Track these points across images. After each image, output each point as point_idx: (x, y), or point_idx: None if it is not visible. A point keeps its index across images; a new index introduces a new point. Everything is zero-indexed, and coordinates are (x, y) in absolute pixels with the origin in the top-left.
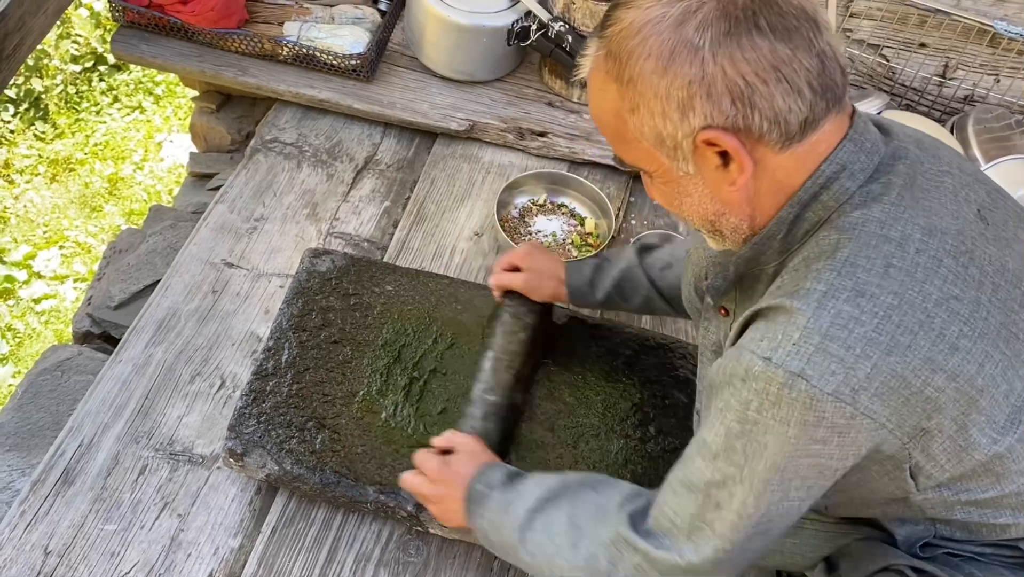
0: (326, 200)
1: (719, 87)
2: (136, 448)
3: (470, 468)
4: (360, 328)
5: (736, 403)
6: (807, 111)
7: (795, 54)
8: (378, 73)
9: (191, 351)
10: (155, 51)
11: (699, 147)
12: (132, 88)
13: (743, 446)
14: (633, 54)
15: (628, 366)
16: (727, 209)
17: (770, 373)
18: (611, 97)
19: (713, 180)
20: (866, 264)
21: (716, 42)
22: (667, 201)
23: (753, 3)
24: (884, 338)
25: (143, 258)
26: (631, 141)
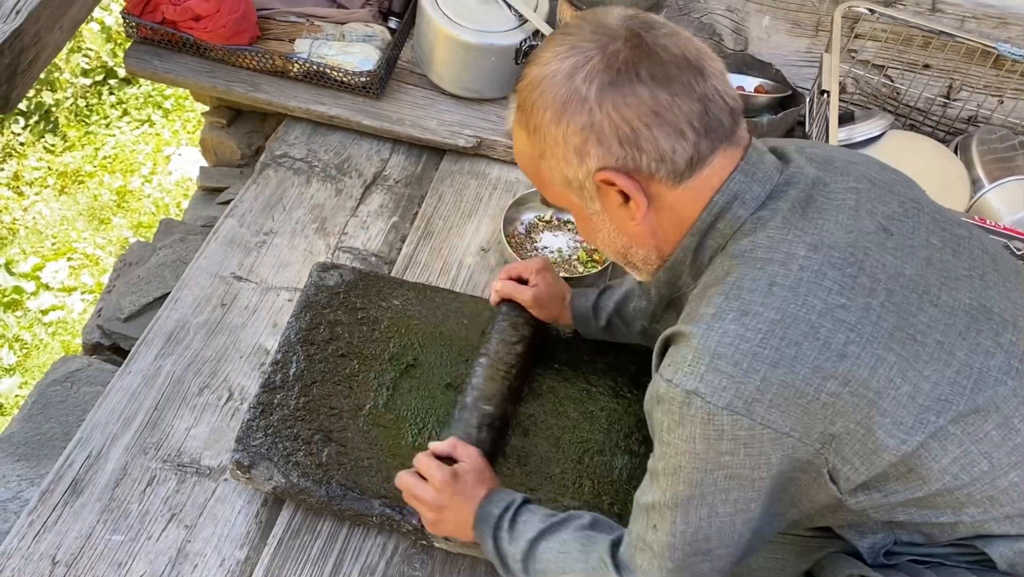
0: (335, 215)
1: (607, 132)
2: (144, 459)
3: (479, 488)
4: (367, 342)
5: (655, 426)
6: (691, 150)
7: (675, 99)
8: (387, 90)
9: (200, 363)
10: (168, 66)
11: (600, 187)
12: (141, 102)
13: (663, 467)
14: (535, 105)
15: (633, 381)
16: (634, 242)
17: (672, 393)
18: (524, 145)
19: (617, 216)
20: (751, 285)
21: (601, 92)
22: (587, 236)
23: (634, 55)
24: (768, 352)
25: (153, 271)
26: (547, 184)
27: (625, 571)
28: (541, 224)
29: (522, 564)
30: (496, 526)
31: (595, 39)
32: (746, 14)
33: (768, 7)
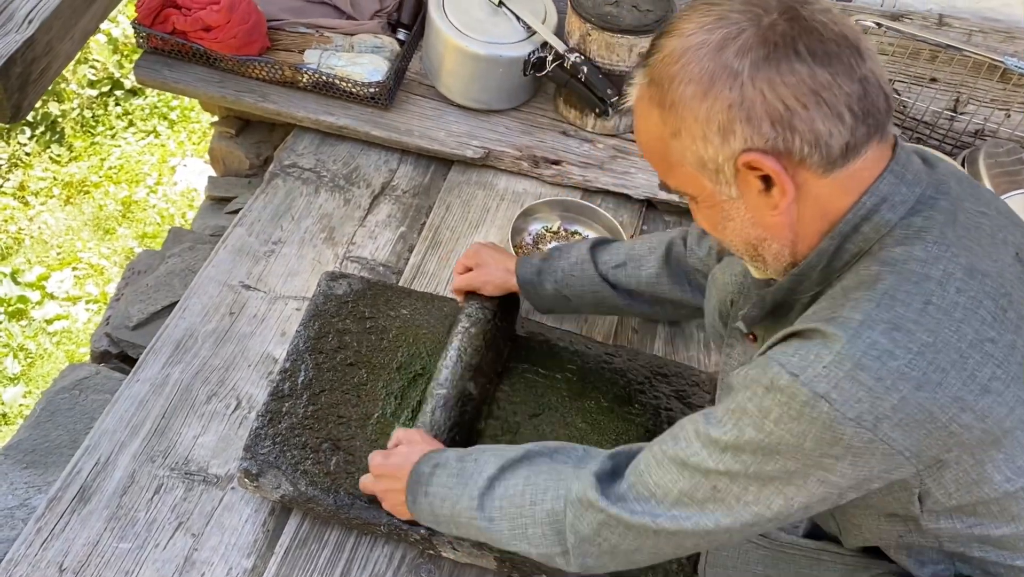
0: (343, 225)
1: (758, 111)
2: (152, 467)
3: (412, 456)
4: (375, 351)
5: (755, 409)
6: (848, 135)
7: (835, 79)
8: (396, 101)
9: (208, 372)
10: (178, 76)
11: (741, 171)
12: (147, 113)
13: (755, 449)
14: (674, 80)
15: (641, 393)
16: (769, 235)
17: (795, 389)
18: (654, 123)
19: (755, 205)
20: (905, 299)
21: (755, 67)
22: (711, 226)
23: (792, 30)
24: (916, 373)
25: (161, 279)
26: (675, 166)
27: (619, 501)
28: (548, 234)
29: (478, 501)
30: (427, 482)
31: (746, 10)
32: None
33: None
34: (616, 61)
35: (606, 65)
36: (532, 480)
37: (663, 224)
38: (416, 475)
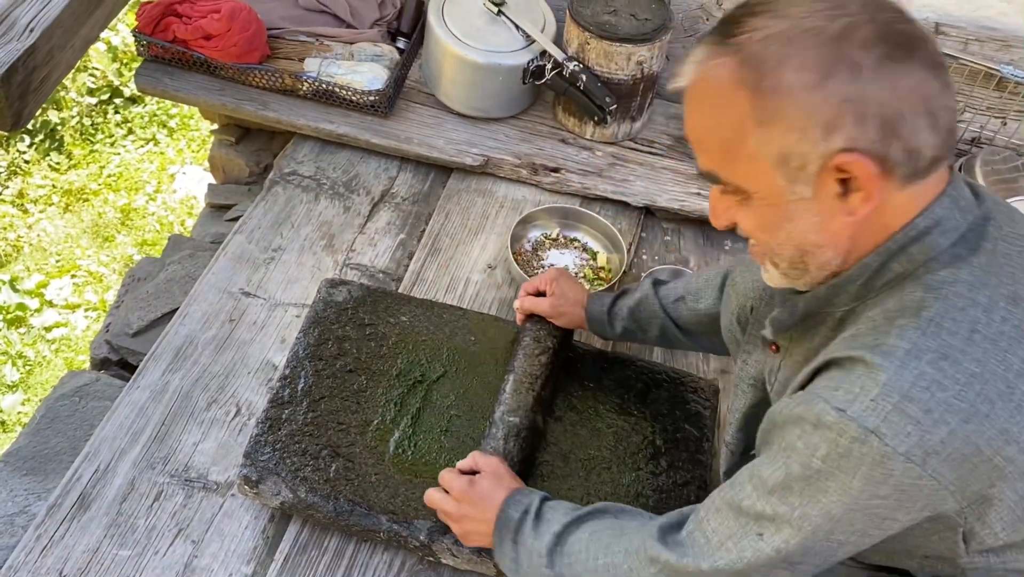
0: (343, 232)
1: (871, 110)
2: (152, 474)
3: (498, 492)
4: (375, 358)
5: (803, 447)
6: (939, 150)
7: (943, 90)
8: (395, 109)
9: (208, 379)
10: (178, 85)
11: (826, 171)
12: (147, 121)
13: (801, 490)
14: (784, 63)
15: (639, 399)
16: (828, 242)
17: (843, 425)
18: (736, 107)
19: (828, 208)
20: (951, 327)
21: (879, 63)
22: (761, 226)
23: (911, 31)
24: (964, 405)
25: (162, 286)
26: (742, 157)
27: (677, 547)
28: (548, 242)
29: (547, 558)
30: (516, 529)
31: (861, 2)
32: None
33: None
34: (614, 69)
35: (604, 73)
36: (596, 537)
37: (661, 231)
38: (505, 519)
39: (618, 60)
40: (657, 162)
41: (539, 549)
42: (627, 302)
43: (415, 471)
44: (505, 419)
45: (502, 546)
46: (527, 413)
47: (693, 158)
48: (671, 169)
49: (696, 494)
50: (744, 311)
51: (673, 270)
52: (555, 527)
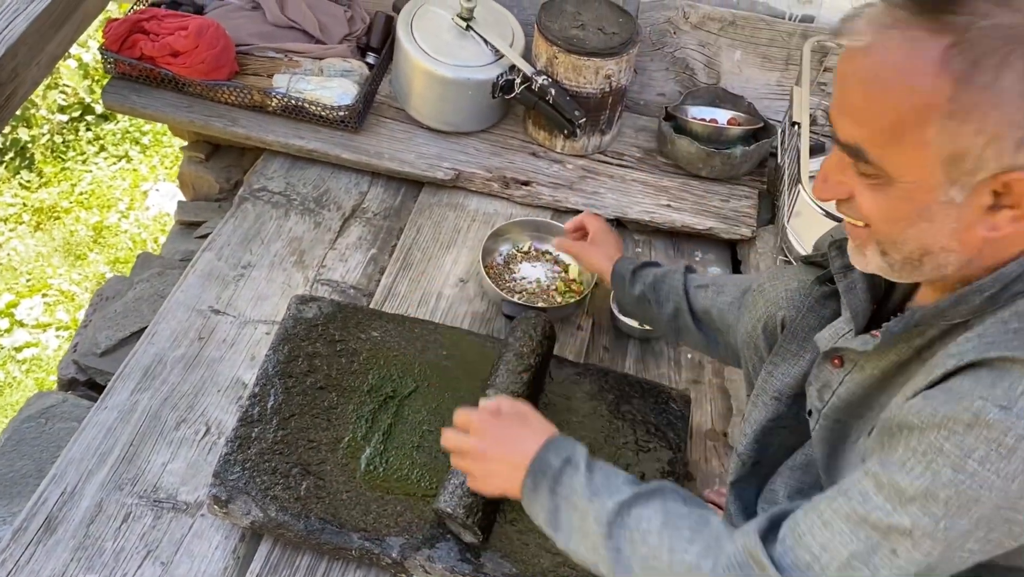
0: (313, 248)
1: None
2: (120, 495)
3: (527, 432)
4: (346, 374)
5: (954, 449)
6: None
7: None
8: (366, 124)
9: (177, 397)
10: (146, 102)
11: (991, 182)
12: (119, 138)
13: (949, 497)
14: (1006, 63)
15: (612, 410)
16: (958, 249)
17: (1009, 423)
18: (931, 92)
19: (971, 218)
20: None
21: None
22: (889, 216)
23: None
24: None
25: (130, 305)
26: (910, 144)
27: (786, 570)
28: (519, 255)
29: (607, 528)
30: (556, 479)
31: None
32: (718, 48)
33: (739, 42)
34: (583, 83)
35: (573, 87)
36: (673, 523)
37: (632, 243)
38: (542, 463)
39: (586, 74)
40: (627, 174)
41: (596, 513)
42: (654, 271)
43: (387, 488)
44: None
45: (536, 493)
46: (521, 396)
47: (664, 171)
48: (641, 181)
49: None
50: (773, 320)
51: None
52: (621, 495)
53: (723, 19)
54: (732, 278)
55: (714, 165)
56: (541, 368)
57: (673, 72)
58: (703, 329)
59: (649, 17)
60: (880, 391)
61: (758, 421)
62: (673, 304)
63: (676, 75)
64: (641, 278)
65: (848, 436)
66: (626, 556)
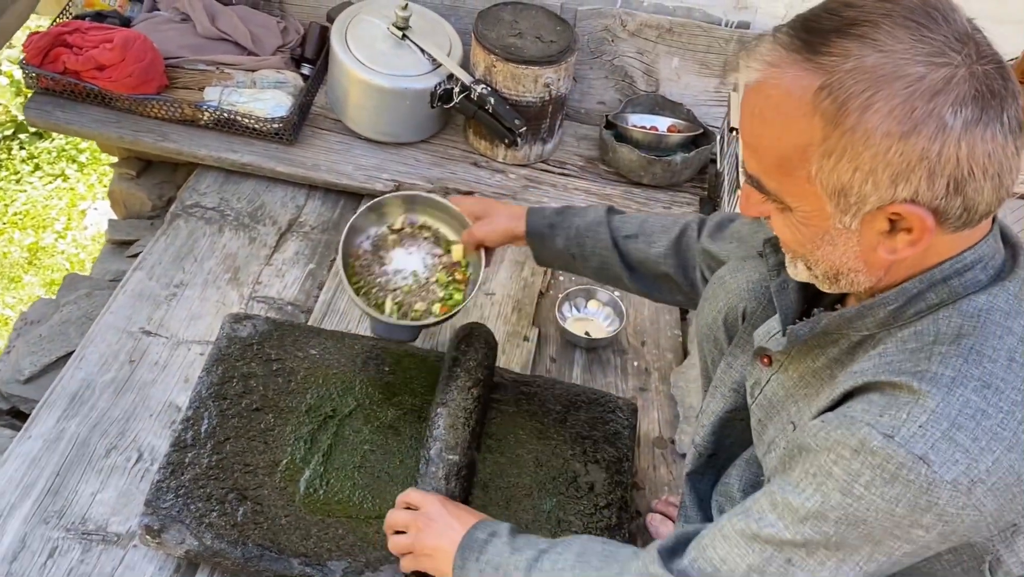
0: (248, 264)
1: (946, 170)
2: (45, 529)
3: (452, 521)
4: (283, 394)
5: (841, 473)
6: (994, 206)
7: (1018, 152)
8: (302, 136)
9: (106, 424)
10: (70, 118)
11: (880, 212)
12: (55, 156)
13: (839, 517)
14: (871, 105)
15: (559, 423)
16: (864, 268)
17: (890, 451)
18: (807, 131)
19: (870, 242)
20: (992, 355)
21: (966, 126)
22: (797, 239)
23: (1005, 90)
24: (1007, 433)
25: (56, 329)
26: (797, 178)
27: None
28: (391, 236)
29: (526, 573)
30: (481, 549)
31: (960, 47)
32: (656, 56)
33: (677, 49)
34: (522, 92)
35: (513, 96)
36: (585, 558)
37: None
38: (470, 539)
39: (525, 82)
40: (570, 183)
41: (516, 564)
42: (575, 221)
43: (327, 510)
44: (444, 457)
45: (465, 567)
46: (465, 450)
47: (606, 179)
48: (584, 190)
49: (618, 515)
50: (734, 312)
51: (587, 291)
52: (540, 544)
53: (660, 26)
54: (658, 224)
55: (655, 172)
56: (489, 381)
57: (612, 80)
58: (638, 278)
59: (586, 25)
60: (794, 397)
61: (716, 413)
62: (599, 258)
63: (615, 83)
64: (562, 231)
65: (764, 436)
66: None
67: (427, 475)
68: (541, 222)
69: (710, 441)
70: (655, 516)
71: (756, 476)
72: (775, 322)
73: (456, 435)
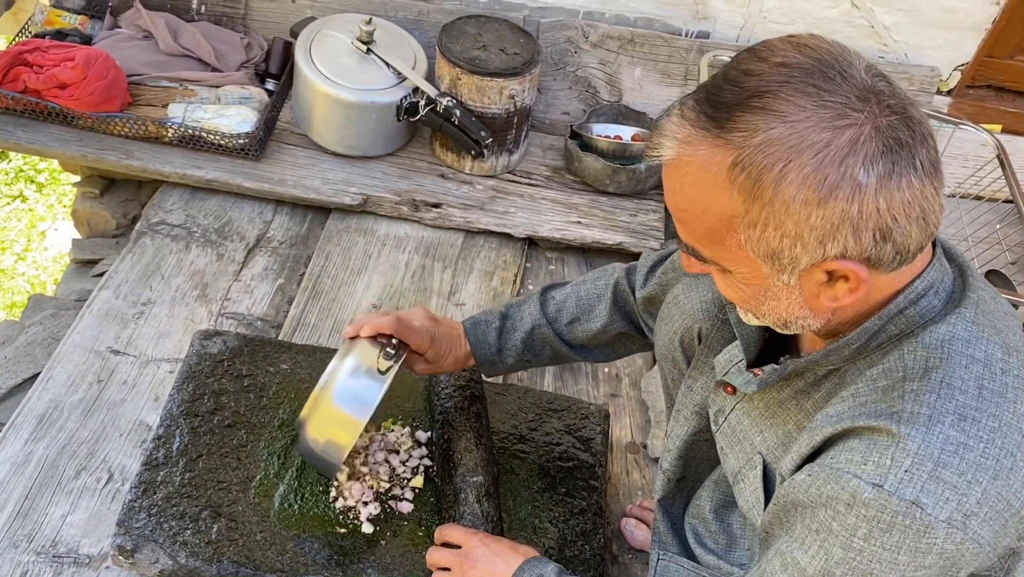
0: (216, 280)
1: (869, 224)
2: (15, 553)
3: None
4: (255, 410)
5: (840, 528)
6: (925, 241)
7: (937, 192)
8: (268, 151)
9: (75, 445)
10: (32, 137)
11: (815, 268)
12: (12, 177)
13: (845, 572)
14: (785, 177)
15: (532, 429)
16: (811, 315)
17: (883, 501)
18: (728, 205)
19: (811, 293)
20: (961, 385)
21: (880, 181)
22: (741, 298)
23: (912, 138)
24: (991, 462)
25: (21, 350)
26: (729, 245)
27: None
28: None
29: None
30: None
31: (862, 105)
32: (618, 67)
33: (639, 59)
34: (488, 104)
35: (478, 108)
36: None
37: (545, 260)
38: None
39: (490, 94)
40: (537, 193)
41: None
42: (518, 335)
43: (303, 525)
44: (469, 480)
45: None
46: (487, 468)
47: (572, 189)
48: (550, 200)
49: (593, 521)
50: (690, 333)
51: None
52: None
53: (622, 37)
54: (591, 291)
55: (620, 181)
56: (482, 394)
57: (576, 90)
58: (586, 353)
59: (549, 37)
60: (759, 427)
61: (680, 437)
62: (550, 350)
63: (579, 93)
64: (510, 351)
65: (727, 464)
66: None
67: (460, 503)
68: (488, 352)
69: (677, 465)
70: (629, 520)
71: (726, 496)
72: (736, 350)
73: (473, 456)
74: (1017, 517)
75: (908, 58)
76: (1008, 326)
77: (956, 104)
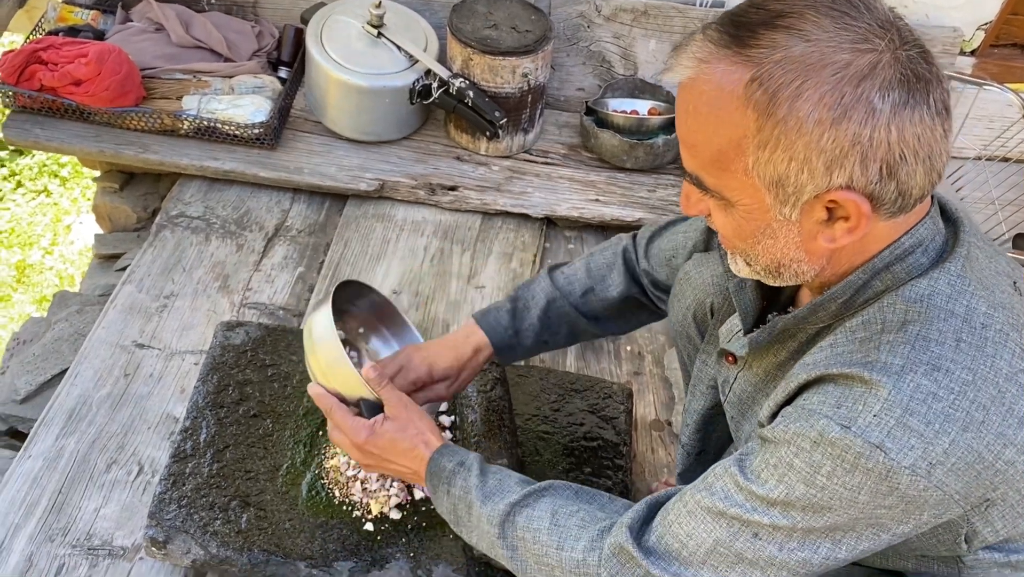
0: (237, 271)
1: (878, 154)
2: (51, 547)
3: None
4: (280, 399)
5: (803, 465)
6: (927, 189)
7: (946, 134)
8: (282, 140)
9: (105, 439)
10: (50, 134)
11: (818, 200)
12: (36, 172)
13: (805, 505)
14: (801, 94)
15: (555, 410)
16: (806, 258)
17: (848, 441)
18: (740, 124)
19: (810, 231)
20: (938, 337)
21: (895, 110)
22: (738, 233)
23: (929, 73)
24: (960, 414)
25: (49, 347)
26: (735, 171)
27: (650, 554)
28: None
29: (499, 529)
30: (449, 481)
31: (884, 33)
32: (633, 40)
33: (653, 31)
34: (501, 83)
35: (491, 88)
36: (560, 522)
37: (564, 240)
38: (437, 466)
39: (503, 74)
40: (554, 172)
41: (488, 515)
42: (534, 312)
43: (331, 512)
44: (494, 463)
45: (436, 493)
46: (511, 450)
47: (589, 166)
48: (568, 178)
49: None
50: (703, 308)
51: None
52: (512, 496)
53: (635, 10)
54: (601, 262)
55: (638, 156)
56: (503, 375)
57: (590, 66)
58: (603, 325)
59: (561, 13)
60: (764, 392)
61: (697, 411)
62: (567, 327)
63: (594, 69)
64: (528, 329)
65: (740, 434)
66: (520, 555)
67: None
68: (504, 338)
69: (696, 439)
70: None
71: None
72: (737, 320)
73: (496, 440)
74: (992, 469)
75: (929, 19)
76: (999, 284)
77: (980, 64)
